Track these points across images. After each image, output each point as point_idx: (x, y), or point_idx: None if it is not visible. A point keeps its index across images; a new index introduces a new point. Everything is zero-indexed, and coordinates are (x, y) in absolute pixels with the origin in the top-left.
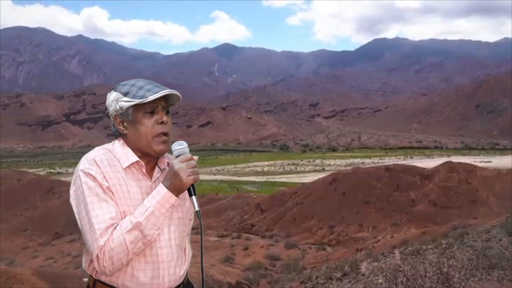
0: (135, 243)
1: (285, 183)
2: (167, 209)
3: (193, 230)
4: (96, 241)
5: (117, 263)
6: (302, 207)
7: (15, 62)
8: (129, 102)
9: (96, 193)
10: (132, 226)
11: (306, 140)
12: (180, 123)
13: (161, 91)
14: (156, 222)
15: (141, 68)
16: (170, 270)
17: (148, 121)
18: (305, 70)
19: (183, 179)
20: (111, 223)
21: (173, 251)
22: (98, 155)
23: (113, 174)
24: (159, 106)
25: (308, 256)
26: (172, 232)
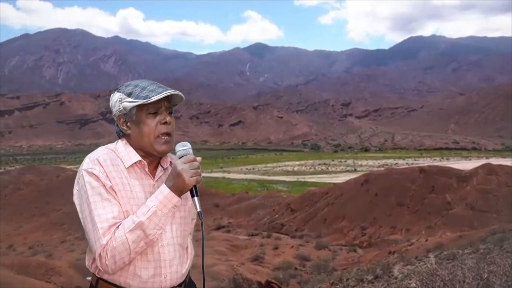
0: (137, 242)
1: (316, 183)
2: (170, 209)
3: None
4: (98, 240)
5: (119, 262)
6: (333, 207)
7: (55, 62)
8: (132, 103)
9: (99, 193)
10: (134, 226)
11: (337, 140)
12: (212, 122)
13: (164, 92)
14: (158, 222)
15: (174, 68)
16: (172, 268)
17: (151, 121)
18: (337, 69)
19: (186, 180)
20: (114, 223)
21: (175, 249)
22: (101, 155)
23: (115, 174)
24: (162, 106)
25: (338, 257)
26: (174, 231)
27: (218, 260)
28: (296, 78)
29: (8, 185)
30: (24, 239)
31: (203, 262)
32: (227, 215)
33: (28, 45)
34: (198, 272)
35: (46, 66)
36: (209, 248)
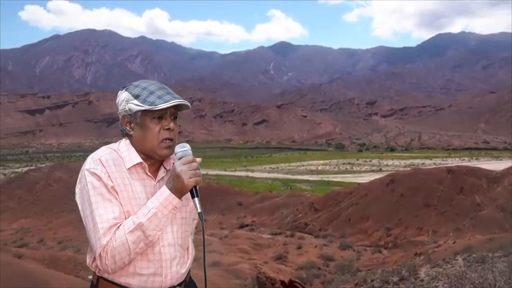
0: (137, 243)
1: (340, 182)
2: (170, 210)
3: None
4: (99, 240)
5: (119, 262)
6: (358, 207)
7: (84, 62)
8: (138, 106)
9: (100, 193)
10: (134, 227)
11: (362, 139)
12: (235, 121)
13: (171, 101)
14: (158, 223)
15: (199, 67)
16: (173, 268)
17: (155, 126)
18: (363, 68)
19: (185, 181)
20: (114, 223)
21: (176, 250)
22: (103, 154)
23: (117, 174)
24: (167, 112)
25: (363, 258)
26: (175, 232)
27: (241, 259)
28: (320, 76)
29: (39, 181)
30: (54, 234)
31: (204, 262)
32: (251, 213)
33: (58, 46)
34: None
35: (75, 66)
36: (232, 246)
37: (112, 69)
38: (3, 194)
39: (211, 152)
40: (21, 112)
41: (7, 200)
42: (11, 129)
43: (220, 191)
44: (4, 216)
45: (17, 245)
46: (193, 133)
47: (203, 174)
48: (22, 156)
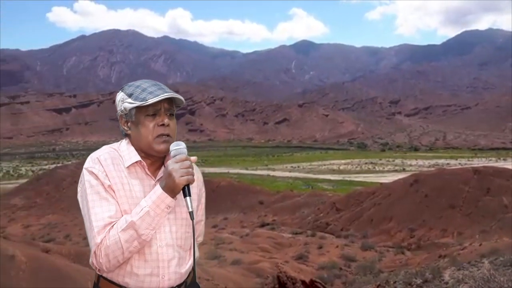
0: (130, 242)
1: (362, 182)
2: (163, 209)
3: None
4: (93, 238)
5: (113, 260)
6: (380, 208)
7: (108, 62)
8: (131, 104)
9: (97, 191)
10: (126, 225)
11: (385, 139)
12: (257, 120)
13: (161, 95)
14: (151, 222)
15: (221, 66)
16: (171, 269)
17: (149, 123)
18: (386, 66)
19: (176, 180)
20: (109, 221)
21: (174, 250)
22: (102, 154)
23: (115, 173)
24: (161, 108)
25: (385, 259)
26: (173, 232)
27: (262, 257)
28: (342, 75)
29: (66, 178)
30: (80, 229)
31: (194, 263)
32: (272, 212)
33: (84, 46)
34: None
35: (100, 66)
36: (253, 245)
37: (136, 68)
38: (31, 191)
39: (233, 151)
40: (49, 111)
41: (35, 196)
42: (39, 128)
43: (241, 189)
44: (33, 211)
45: (45, 240)
46: (215, 132)
47: (224, 173)
48: (49, 153)
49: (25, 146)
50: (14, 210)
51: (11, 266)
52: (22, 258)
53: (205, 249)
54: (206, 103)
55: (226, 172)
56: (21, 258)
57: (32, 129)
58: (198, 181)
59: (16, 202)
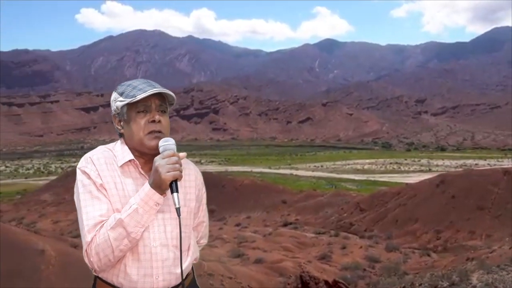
0: (119, 240)
1: (387, 182)
2: (151, 206)
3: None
4: (84, 237)
5: (104, 259)
6: (405, 208)
7: (135, 62)
8: (122, 102)
9: (89, 191)
10: (115, 223)
11: (411, 138)
12: (280, 119)
13: (149, 90)
14: (140, 219)
15: (244, 65)
16: (165, 269)
17: (140, 120)
18: (412, 64)
19: (162, 176)
20: (100, 220)
21: (169, 250)
22: (95, 153)
23: (108, 172)
24: (152, 105)
25: (410, 261)
26: (168, 232)
27: (285, 257)
28: (367, 74)
29: None
30: None
31: (181, 262)
32: (295, 212)
33: (111, 47)
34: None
35: (127, 66)
36: (276, 244)
37: (161, 68)
38: (60, 187)
39: (256, 150)
40: (77, 109)
41: (64, 193)
42: (68, 126)
43: (264, 188)
44: (61, 207)
45: (73, 235)
46: (238, 131)
47: (247, 171)
48: (77, 151)
49: (55, 144)
50: (44, 206)
51: (41, 260)
52: (52, 253)
53: (228, 247)
54: (229, 102)
55: (249, 171)
56: (50, 253)
57: (62, 127)
58: (197, 180)
59: (46, 198)
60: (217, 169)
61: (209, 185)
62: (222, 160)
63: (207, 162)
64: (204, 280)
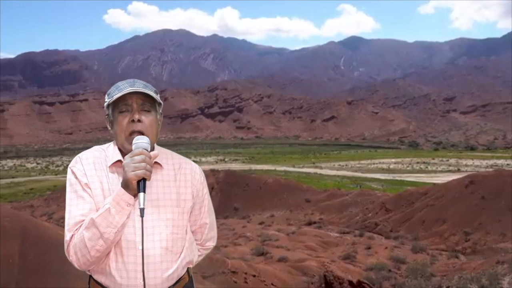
0: (94, 240)
1: (414, 182)
2: (123, 207)
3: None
4: (65, 236)
5: (82, 258)
6: (433, 209)
7: (160, 61)
8: (106, 102)
9: (75, 190)
10: (89, 223)
11: (439, 137)
12: (304, 118)
13: (124, 90)
14: (112, 220)
15: (268, 64)
16: (150, 273)
17: (122, 120)
18: (440, 61)
19: (127, 175)
20: (80, 220)
21: (156, 253)
22: (86, 153)
23: (95, 172)
24: (133, 104)
25: (438, 263)
26: (157, 234)
27: (309, 256)
28: (393, 71)
29: None
30: None
31: (143, 265)
32: (318, 211)
33: (137, 46)
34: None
35: (152, 65)
36: (299, 243)
37: (186, 67)
38: None
39: (280, 148)
40: None
41: None
42: (96, 124)
43: (288, 187)
44: None
45: None
46: (262, 129)
47: (271, 170)
48: None
49: (83, 142)
50: None
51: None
52: None
53: (252, 245)
54: (253, 100)
55: (272, 170)
56: None
57: (90, 125)
58: (193, 180)
59: None
60: (240, 168)
61: (232, 183)
62: (245, 158)
63: (231, 160)
64: (227, 278)
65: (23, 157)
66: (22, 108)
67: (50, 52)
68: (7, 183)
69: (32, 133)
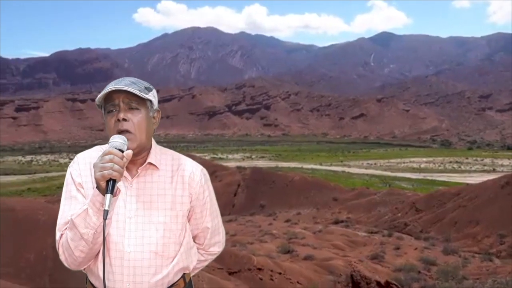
0: (76, 241)
1: (446, 182)
2: (98, 208)
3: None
4: (55, 235)
5: (69, 258)
6: (465, 210)
7: (188, 59)
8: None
9: (69, 190)
10: (70, 224)
11: (473, 136)
12: (332, 115)
13: (106, 89)
14: (89, 221)
15: (296, 61)
16: (137, 277)
17: (110, 120)
18: (475, 57)
19: (94, 175)
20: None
21: (144, 257)
22: (84, 153)
23: (89, 172)
24: (119, 103)
25: (470, 265)
26: (146, 237)
27: (335, 255)
28: (426, 68)
29: None
30: None
31: (104, 269)
32: (346, 209)
33: (166, 44)
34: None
35: (181, 62)
36: (326, 241)
37: (213, 64)
38: None
39: (307, 146)
40: None
41: None
42: None
43: (315, 185)
44: None
45: None
46: (289, 127)
47: (297, 167)
48: None
49: None
50: None
51: None
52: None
53: (278, 243)
54: (281, 97)
55: (299, 167)
56: None
57: None
58: (192, 182)
59: None
60: (267, 165)
61: (259, 180)
62: (272, 156)
63: (258, 157)
64: (253, 275)
65: (57, 152)
66: (56, 105)
67: (82, 50)
68: (41, 178)
69: (65, 129)
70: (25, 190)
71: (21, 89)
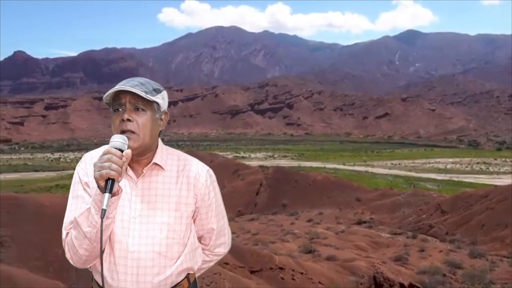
0: (80, 239)
1: (473, 183)
2: (100, 207)
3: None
4: (62, 234)
5: (74, 256)
6: (494, 212)
7: (212, 58)
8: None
9: (76, 189)
10: (74, 222)
11: (502, 137)
12: (356, 114)
13: (112, 89)
14: (92, 220)
15: (319, 60)
16: (140, 277)
17: (115, 119)
18: (505, 56)
19: (94, 174)
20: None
21: (148, 257)
22: (92, 152)
23: None
24: (126, 103)
25: (498, 269)
26: (150, 237)
27: (358, 255)
28: (452, 66)
29: None
30: None
31: (102, 269)
32: (369, 210)
33: (190, 43)
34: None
35: (204, 62)
36: (348, 242)
37: (236, 63)
38: None
39: (330, 146)
40: None
41: None
42: None
43: (338, 185)
44: None
45: None
46: (312, 126)
47: (320, 167)
48: None
49: None
50: None
51: None
52: None
53: (300, 242)
54: (304, 97)
55: (322, 167)
56: None
57: None
58: (197, 183)
59: None
60: (290, 164)
61: (281, 179)
62: (295, 155)
63: (280, 157)
64: (275, 274)
65: (84, 150)
66: (83, 104)
67: (108, 50)
68: (69, 174)
69: (92, 127)
70: (53, 186)
71: (50, 88)
